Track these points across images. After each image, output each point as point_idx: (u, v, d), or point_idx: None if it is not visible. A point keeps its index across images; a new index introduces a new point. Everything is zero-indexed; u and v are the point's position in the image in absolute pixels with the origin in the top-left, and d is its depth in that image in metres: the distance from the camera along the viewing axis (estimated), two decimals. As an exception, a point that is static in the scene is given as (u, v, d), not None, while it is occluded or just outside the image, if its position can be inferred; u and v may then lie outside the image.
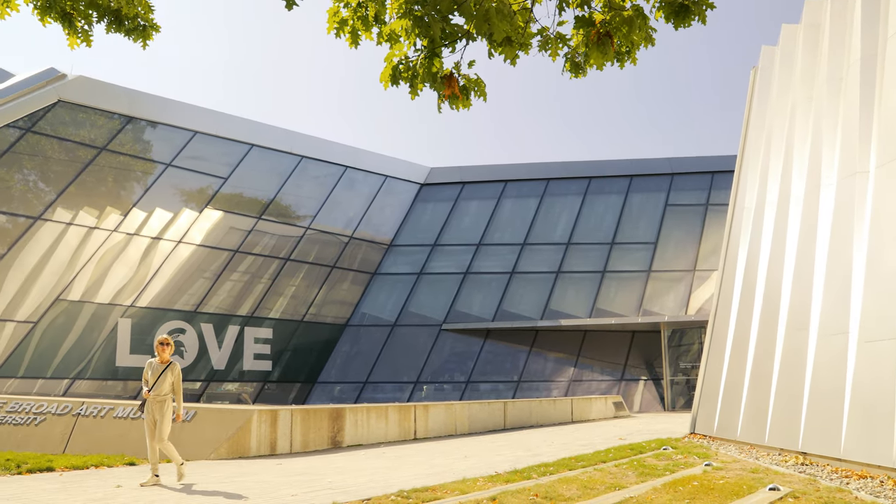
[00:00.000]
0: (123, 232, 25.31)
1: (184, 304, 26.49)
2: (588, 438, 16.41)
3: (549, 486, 9.42)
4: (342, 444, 15.01)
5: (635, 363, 29.33)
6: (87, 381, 23.76)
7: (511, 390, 28.69)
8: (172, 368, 10.33)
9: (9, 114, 23.36)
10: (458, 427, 18.33)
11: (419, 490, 8.99)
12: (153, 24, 7.10)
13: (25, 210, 23.38)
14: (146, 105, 26.71)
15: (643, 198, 32.55)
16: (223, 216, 27.96)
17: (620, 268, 30.56)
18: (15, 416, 13.90)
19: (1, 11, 6.61)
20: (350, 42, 5.99)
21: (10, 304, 22.58)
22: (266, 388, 28.28)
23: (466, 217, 33.19)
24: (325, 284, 30.40)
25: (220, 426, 13.24)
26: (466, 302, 30.72)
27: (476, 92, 6.04)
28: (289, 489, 9.38)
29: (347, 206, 31.68)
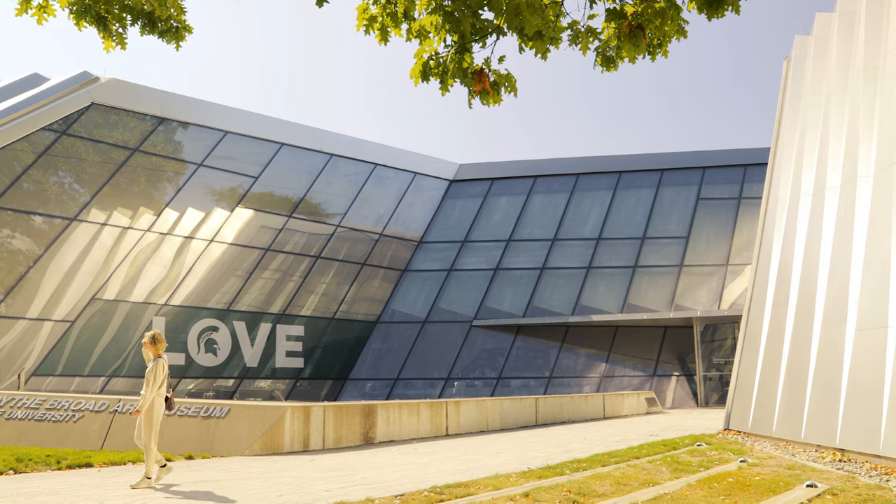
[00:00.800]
0: (157, 231, 25.64)
1: (216, 302, 26.77)
2: (621, 434, 16.32)
3: (582, 482, 9.38)
4: (374, 441, 15.08)
5: (667, 359, 29.09)
6: (122, 379, 24.11)
7: (542, 386, 28.61)
8: (154, 364, 10.01)
9: (44, 117, 23.75)
10: (490, 423, 18.32)
11: (452, 486, 9.00)
12: (185, 25, 7.17)
13: (61, 211, 23.77)
14: (177, 106, 27.02)
15: (674, 192, 32.26)
16: (254, 215, 28.21)
17: (652, 263, 30.33)
18: (54, 414, 14.14)
19: (38, 17, 6.72)
20: (379, 39, 6.00)
21: (48, 304, 22.97)
22: (298, 385, 28.50)
23: (496, 213, 33.13)
24: (356, 282, 30.55)
25: (254, 423, 13.37)
26: (497, 298, 30.68)
27: (506, 87, 6.01)
28: (323, 484, 9.44)
29: (377, 203, 31.79)
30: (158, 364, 9.99)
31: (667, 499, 8.33)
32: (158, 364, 9.99)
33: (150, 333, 10.16)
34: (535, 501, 8.09)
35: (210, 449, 13.06)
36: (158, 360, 10.00)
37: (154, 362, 9.98)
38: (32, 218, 23.24)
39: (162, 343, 10.20)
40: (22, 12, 6.78)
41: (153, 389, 9.87)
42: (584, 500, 8.22)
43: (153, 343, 10.10)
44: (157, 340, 10.14)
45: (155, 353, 10.07)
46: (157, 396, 9.96)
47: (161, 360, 10.03)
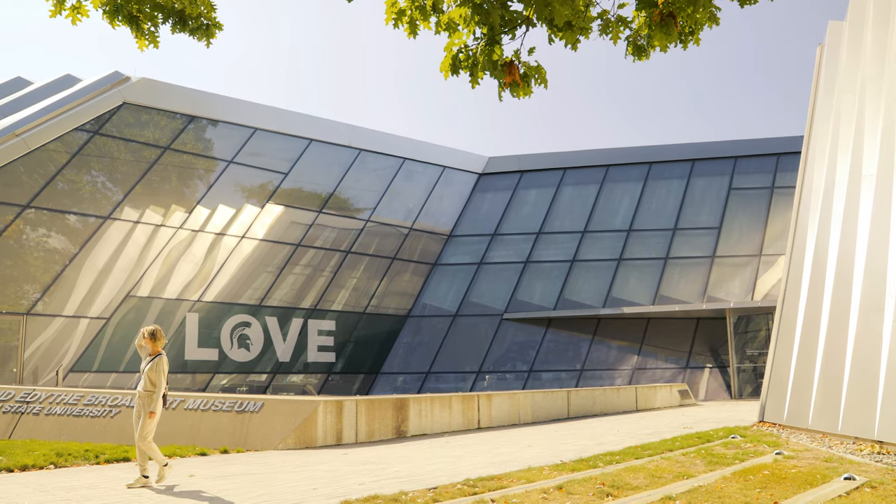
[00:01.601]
0: (188, 229, 25.92)
1: (248, 297, 27.02)
2: (654, 427, 16.22)
3: (616, 474, 9.34)
4: (406, 434, 15.13)
5: (700, 351, 28.84)
6: (157, 375, 24.41)
7: (574, 379, 28.51)
8: (157, 361, 9.68)
9: (77, 117, 24.10)
10: (522, 416, 18.30)
11: (485, 479, 9.01)
12: (216, 22, 7.23)
13: (95, 210, 24.11)
14: (207, 104, 27.27)
15: (706, 182, 31.93)
16: (284, 211, 28.42)
17: (683, 254, 30.06)
18: (92, 409, 14.37)
19: (73, 17, 6.81)
20: (408, 32, 5.99)
21: (84, 302, 23.34)
22: (330, 380, 28.68)
23: (525, 206, 33.04)
24: (386, 276, 30.66)
25: (288, 417, 13.48)
26: (527, 291, 30.62)
27: (537, 79, 5.98)
28: (357, 478, 9.50)
29: (406, 197, 31.86)
30: (162, 361, 9.68)
31: (701, 491, 8.27)
32: (162, 361, 9.68)
33: (150, 329, 9.80)
34: (569, 494, 8.07)
35: (244, 443, 13.20)
36: (161, 357, 9.69)
37: (157, 359, 9.65)
38: (67, 217, 23.61)
39: (162, 339, 9.84)
40: (56, 13, 6.88)
41: (161, 389, 9.59)
42: (618, 493, 8.19)
43: (153, 339, 9.73)
44: (158, 336, 9.77)
45: (154, 350, 9.73)
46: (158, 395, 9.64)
47: (163, 357, 9.74)
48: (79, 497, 8.37)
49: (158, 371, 9.57)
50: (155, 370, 9.56)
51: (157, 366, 9.58)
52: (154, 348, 9.70)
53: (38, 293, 22.48)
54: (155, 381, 9.54)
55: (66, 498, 8.34)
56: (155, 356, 9.67)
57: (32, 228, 22.97)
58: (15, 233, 22.60)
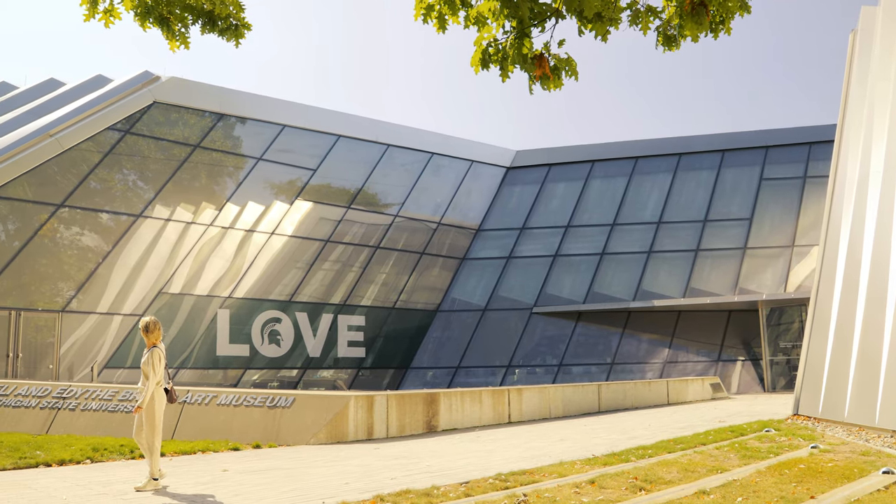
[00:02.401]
0: (219, 226, 26.16)
1: (278, 293, 27.22)
2: (686, 420, 16.09)
3: (649, 468, 9.28)
4: (437, 429, 15.16)
5: (732, 343, 28.54)
6: (189, 371, 24.72)
7: (604, 373, 28.38)
8: (151, 353, 9.23)
9: (109, 117, 24.41)
10: (552, 410, 18.25)
11: (517, 473, 9.00)
12: (244, 22, 7.28)
13: (127, 208, 24.42)
14: (235, 102, 27.49)
15: (736, 173, 31.56)
16: (313, 207, 28.57)
17: (714, 245, 29.75)
18: (126, 405, 14.57)
19: (106, 20, 6.90)
20: (437, 27, 5.98)
21: (117, 299, 23.66)
22: (360, 375, 28.82)
23: (554, 199, 32.90)
24: (415, 271, 30.72)
25: (319, 412, 13.57)
26: (556, 285, 30.50)
27: (567, 71, 5.94)
28: (388, 472, 9.53)
29: (434, 192, 31.88)
30: (155, 354, 9.21)
31: (736, 486, 8.19)
32: (155, 354, 9.21)
33: (145, 321, 9.33)
34: (602, 489, 8.04)
35: (276, 438, 13.30)
36: (154, 350, 9.22)
37: (150, 352, 9.21)
38: (100, 216, 23.94)
39: (158, 331, 9.35)
40: (90, 17, 6.97)
41: (153, 382, 9.12)
42: (651, 487, 8.14)
43: (147, 332, 9.29)
44: (151, 329, 9.29)
45: (150, 343, 9.28)
46: (156, 389, 9.22)
47: (157, 350, 9.24)
48: (115, 492, 8.50)
49: (150, 364, 9.16)
50: (148, 363, 9.18)
51: (150, 359, 9.18)
52: (150, 341, 9.29)
53: (72, 291, 22.83)
54: (147, 375, 9.16)
55: (103, 492, 8.47)
56: (150, 349, 9.26)
57: (66, 227, 23.32)
58: (50, 232, 22.97)
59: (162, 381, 9.28)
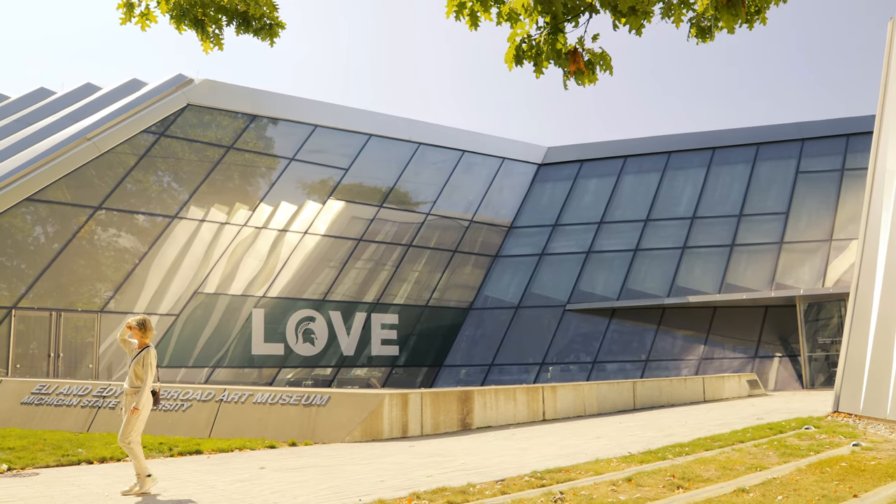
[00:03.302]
0: (252, 226, 26.40)
1: (312, 292, 27.40)
2: (723, 418, 15.92)
3: (686, 466, 9.19)
4: (471, 427, 15.16)
5: (769, 339, 28.15)
6: (225, 370, 24.98)
7: (639, 370, 28.15)
8: (144, 353, 8.87)
9: (144, 120, 24.75)
10: (587, 408, 18.16)
11: (552, 471, 8.96)
12: (278, 21, 7.33)
13: (163, 210, 24.75)
14: (267, 103, 27.71)
15: (771, 166, 31.11)
16: (345, 206, 28.71)
17: (750, 240, 29.36)
18: (164, 403, 14.76)
19: (142, 24, 6.99)
20: (470, 24, 5.96)
21: (154, 299, 23.99)
22: (394, 373, 28.91)
23: (586, 195, 32.72)
24: (448, 269, 30.74)
25: (354, 410, 13.63)
26: (590, 281, 30.32)
27: (601, 66, 5.89)
28: (423, 470, 9.55)
29: (466, 190, 31.87)
30: (150, 354, 8.86)
31: (776, 484, 8.08)
32: (150, 354, 8.86)
33: (138, 318, 8.96)
34: (639, 486, 7.98)
35: (312, 436, 13.39)
36: (149, 350, 8.88)
37: (144, 352, 8.84)
38: (136, 217, 24.29)
39: (151, 330, 8.98)
40: (126, 20, 7.07)
41: (149, 383, 8.79)
42: (689, 485, 8.06)
43: (142, 329, 8.88)
44: (147, 327, 8.91)
45: (142, 342, 8.91)
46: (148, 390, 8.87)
47: (152, 350, 8.92)
48: (155, 488, 8.61)
49: (145, 364, 8.80)
50: (142, 364, 8.80)
51: (143, 359, 8.81)
52: (142, 340, 8.91)
53: (110, 291, 23.19)
54: (141, 376, 8.78)
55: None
56: (142, 349, 8.88)
57: (104, 229, 23.69)
58: (88, 234, 23.35)
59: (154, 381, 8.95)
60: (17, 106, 27.38)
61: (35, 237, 22.62)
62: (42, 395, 15.58)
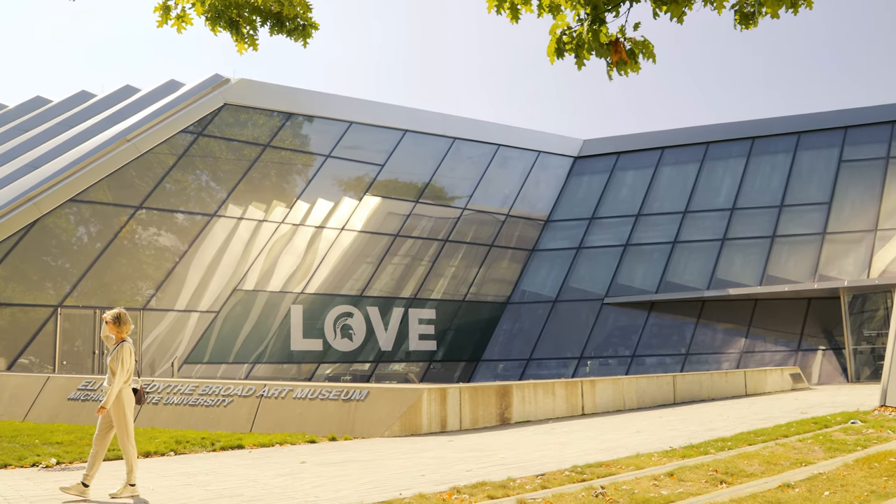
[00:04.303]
0: (290, 223, 26.62)
1: (349, 288, 27.55)
2: (766, 412, 15.68)
3: (729, 461, 9.07)
4: (510, 421, 15.13)
5: (812, 332, 27.64)
6: (264, 365, 25.24)
7: (678, 364, 27.85)
8: (119, 349, 8.35)
9: (182, 120, 25.08)
10: (626, 402, 18.02)
11: (593, 465, 8.91)
12: (312, 22, 7.35)
13: (201, 208, 25.06)
14: (303, 101, 27.90)
15: (813, 155, 30.52)
16: (382, 202, 28.81)
17: (791, 231, 28.84)
18: (206, 399, 14.96)
19: (178, 26, 7.06)
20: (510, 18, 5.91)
21: (194, 296, 24.32)
22: (431, 368, 28.97)
23: (623, 188, 32.42)
24: (484, 263, 30.71)
25: (393, 405, 13.68)
26: (628, 274, 30.06)
27: (644, 54, 5.81)
28: (463, 464, 9.55)
29: (502, 184, 31.79)
30: (123, 349, 8.33)
31: (822, 479, 7.93)
32: (123, 349, 8.33)
33: (113, 312, 8.45)
34: (681, 481, 7.89)
35: (351, 431, 13.47)
36: (123, 345, 8.34)
37: (118, 347, 8.32)
38: (175, 216, 24.63)
39: (127, 325, 8.46)
40: (163, 23, 7.15)
41: (119, 380, 8.22)
42: (733, 480, 7.95)
43: (117, 324, 8.39)
44: (123, 321, 8.41)
45: (118, 337, 8.41)
46: (124, 388, 8.33)
47: (126, 345, 8.37)
48: (198, 482, 8.73)
49: (118, 360, 8.25)
50: (116, 359, 8.26)
51: (118, 354, 8.28)
52: (118, 335, 8.42)
53: (152, 289, 23.55)
54: (115, 372, 8.24)
55: (188, 483, 8.72)
56: (119, 344, 8.39)
57: (144, 228, 24.06)
58: (129, 233, 23.74)
59: (130, 379, 8.40)
60: (60, 109, 27.97)
61: (78, 237, 23.06)
62: (88, 391, 15.88)
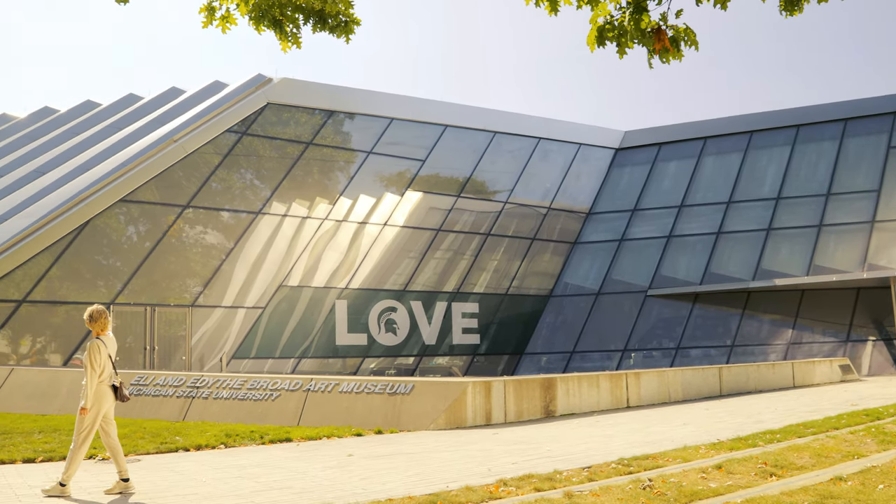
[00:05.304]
0: (333, 219, 26.90)
1: (393, 283, 27.75)
2: (815, 404, 15.45)
3: (778, 453, 8.98)
4: (554, 414, 15.13)
5: (862, 322, 27.10)
6: (310, 360, 25.56)
7: (724, 356, 27.52)
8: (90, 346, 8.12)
9: (226, 120, 25.47)
10: (671, 394, 17.89)
11: (639, 458, 8.89)
12: (354, 18, 7.43)
13: (246, 206, 25.45)
14: (344, 98, 28.13)
15: (861, 142, 29.87)
16: (423, 197, 28.95)
17: (839, 220, 28.28)
18: (254, 393, 15.23)
19: (222, 27, 7.21)
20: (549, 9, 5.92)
21: (240, 293, 24.72)
22: (475, 361, 29.05)
23: (665, 179, 32.10)
24: (527, 257, 30.68)
25: (438, 398, 13.78)
26: (671, 266, 29.77)
27: (686, 42, 5.77)
28: (509, 457, 9.60)
29: (543, 177, 31.70)
30: (92, 346, 8.06)
31: (875, 472, 7.83)
32: (92, 346, 8.06)
33: (89, 309, 8.24)
34: (729, 474, 7.85)
35: (397, 424, 13.60)
36: (93, 342, 8.08)
37: (89, 345, 8.10)
38: (221, 214, 25.04)
39: (100, 321, 8.22)
40: (208, 24, 7.29)
41: (92, 379, 7.97)
42: (783, 473, 7.89)
43: (91, 321, 8.18)
44: (94, 318, 8.19)
45: (94, 333, 8.22)
46: (100, 385, 8.07)
47: (96, 342, 8.09)
48: (249, 475, 8.91)
49: (87, 357, 8.05)
50: (87, 356, 8.08)
51: (88, 351, 8.08)
52: (95, 331, 8.24)
53: (199, 286, 24.00)
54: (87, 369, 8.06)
55: (238, 475, 8.90)
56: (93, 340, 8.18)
57: (191, 227, 24.52)
58: (177, 232, 24.21)
59: (106, 376, 8.12)
60: (109, 112, 28.60)
61: (128, 236, 23.58)
62: (140, 385, 16.27)
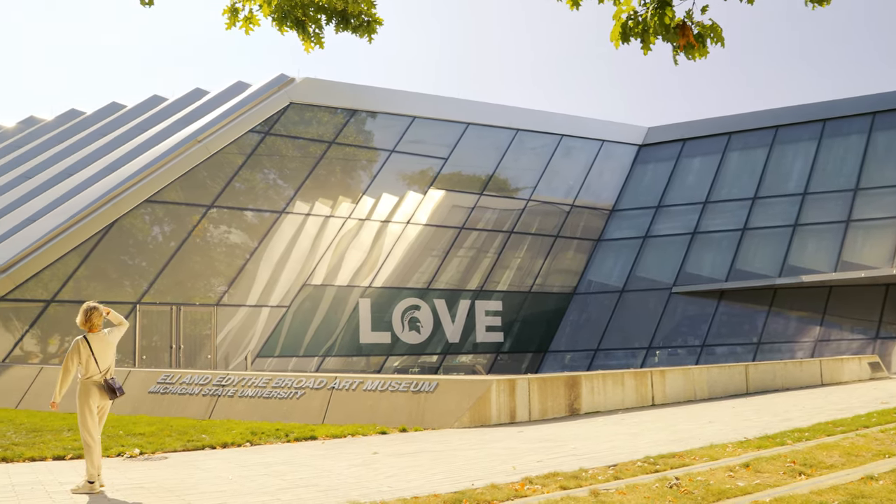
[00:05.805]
0: (356, 218, 26.98)
1: (416, 281, 27.79)
2: (844, 402, 15.26)
3: (807, 452, 8.88)
4: (579, 412, 15.08)
5: (891, 319, 26.72)
6: (334, 358, 25.67)
7: (750, 353, 27.27)
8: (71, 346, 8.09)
9: (249, 120, 25.63)
10: (697, 392, 17.75)
11: (665, 456, 8.83)
12: (376, 17, 7.44)
13: (270, 206, 25.59)
14: (366, 97, 28.20)
15: (890, 136, 29.43)
16: (446, 195, 28.96)
17: (867, 215, 27.89)
18: (279, 391, 15.31)
19: (246, 28, 7.26)
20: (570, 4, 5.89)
21: (264, 291, 24.88)
22: (498, 359, 29.02)
23: (690, 175, 31.84)
24: (550, 254, 30.59)
25: (462, 396, 13.77)
26: (696, 263, 29.53)
27: (712, 38, 5.72)
28: (533, 455, 9.58)
29: (566, 174, 31.58)
30: (73, 345, 8.00)
31: (906, 470, 7.71)
32: (73, 345, 8.00)
33: (83, 306, 8.14)
34: (757, 472, 7.77)
35: (421, 422, 13.62)
36: (75, 341, 8.00)
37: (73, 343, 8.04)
38: (245, 214, 25.21)
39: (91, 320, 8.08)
40: (231, 25, 7.34)
41: (64, 378, 7.91)
42: (812, 472, 7.80)
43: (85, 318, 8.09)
44: (86, 316, 8.09)
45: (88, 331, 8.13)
46: (87, 382, 8.04)
47: (77, 341, 8.01)
48: (274, 472, 8.96)
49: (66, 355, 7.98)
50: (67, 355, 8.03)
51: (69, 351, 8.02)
52: (86, 329, 8.14)
53: (224, 286, 24.18)
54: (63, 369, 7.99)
55: (264, 473, 8.96)
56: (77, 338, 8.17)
57: (216, 227, 24.71)
58: (201, 231, 24.41)
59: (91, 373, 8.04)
60: (134, 113, 28.90)
61: (154, 236, 23.81)
62: (167, 384, 16.42)
